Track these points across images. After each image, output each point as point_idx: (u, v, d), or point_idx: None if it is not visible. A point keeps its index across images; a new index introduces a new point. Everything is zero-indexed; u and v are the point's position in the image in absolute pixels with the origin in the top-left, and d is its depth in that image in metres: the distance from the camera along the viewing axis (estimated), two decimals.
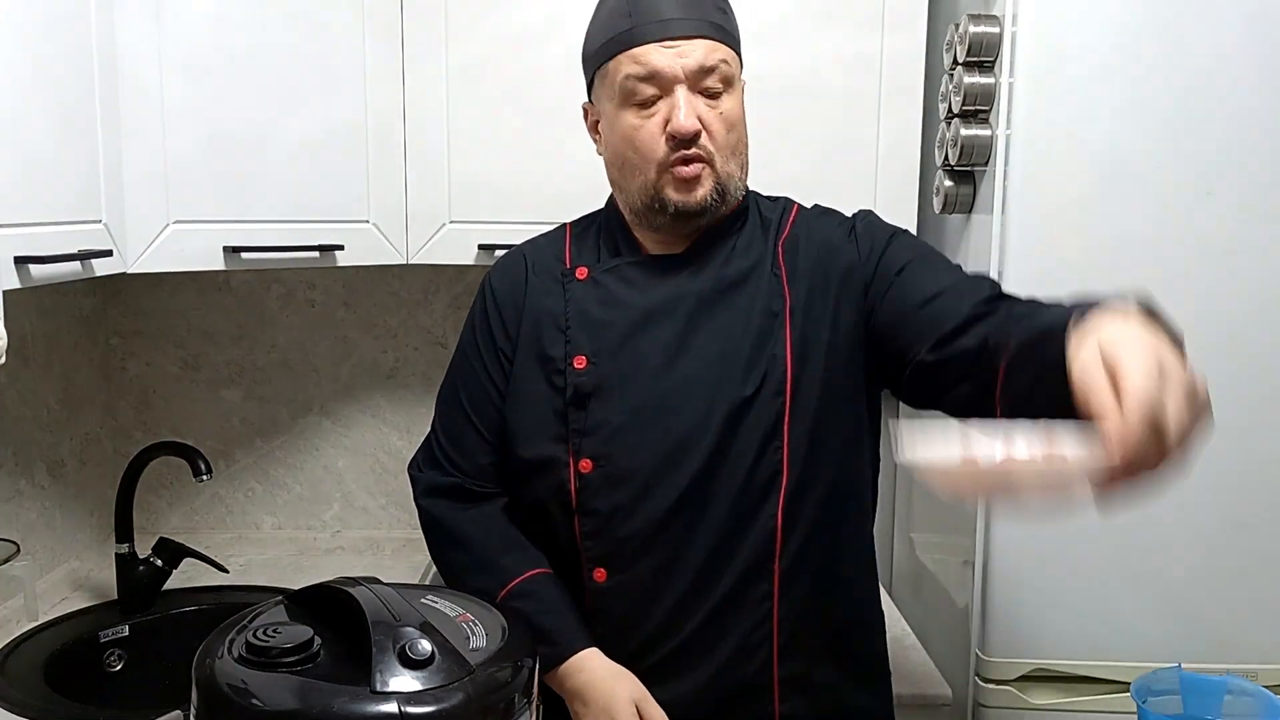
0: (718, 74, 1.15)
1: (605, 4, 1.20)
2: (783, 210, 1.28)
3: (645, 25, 1.14)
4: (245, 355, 2.05)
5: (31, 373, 1.76)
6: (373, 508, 2.10)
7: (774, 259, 1.22)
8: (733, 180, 1.19)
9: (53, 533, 1.82)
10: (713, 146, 1.16)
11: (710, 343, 1.18)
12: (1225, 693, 1.22)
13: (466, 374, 1.28)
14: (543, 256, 1.29)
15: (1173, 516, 1.53)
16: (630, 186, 1.20)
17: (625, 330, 1.19)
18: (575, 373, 1.19)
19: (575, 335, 1.20)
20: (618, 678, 1.13)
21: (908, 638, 1.67)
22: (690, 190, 1.16)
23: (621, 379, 1.18)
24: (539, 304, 1.25)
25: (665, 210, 1.18)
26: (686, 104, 1.13)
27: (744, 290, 1.20)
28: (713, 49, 1.15)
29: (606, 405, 1.18)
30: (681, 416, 1.16)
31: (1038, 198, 1.49)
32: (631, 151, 1.17)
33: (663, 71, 1.13)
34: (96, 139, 1.37)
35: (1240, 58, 1.46)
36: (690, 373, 1.17)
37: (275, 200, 1.59)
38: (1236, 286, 1.49)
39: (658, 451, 1.16)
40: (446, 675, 0.80)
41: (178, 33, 1.47)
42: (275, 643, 0.82)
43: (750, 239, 1.23)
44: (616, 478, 1.17)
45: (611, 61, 1.16)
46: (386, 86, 1.68)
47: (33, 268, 1.21)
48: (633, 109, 1.16)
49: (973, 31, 1.53)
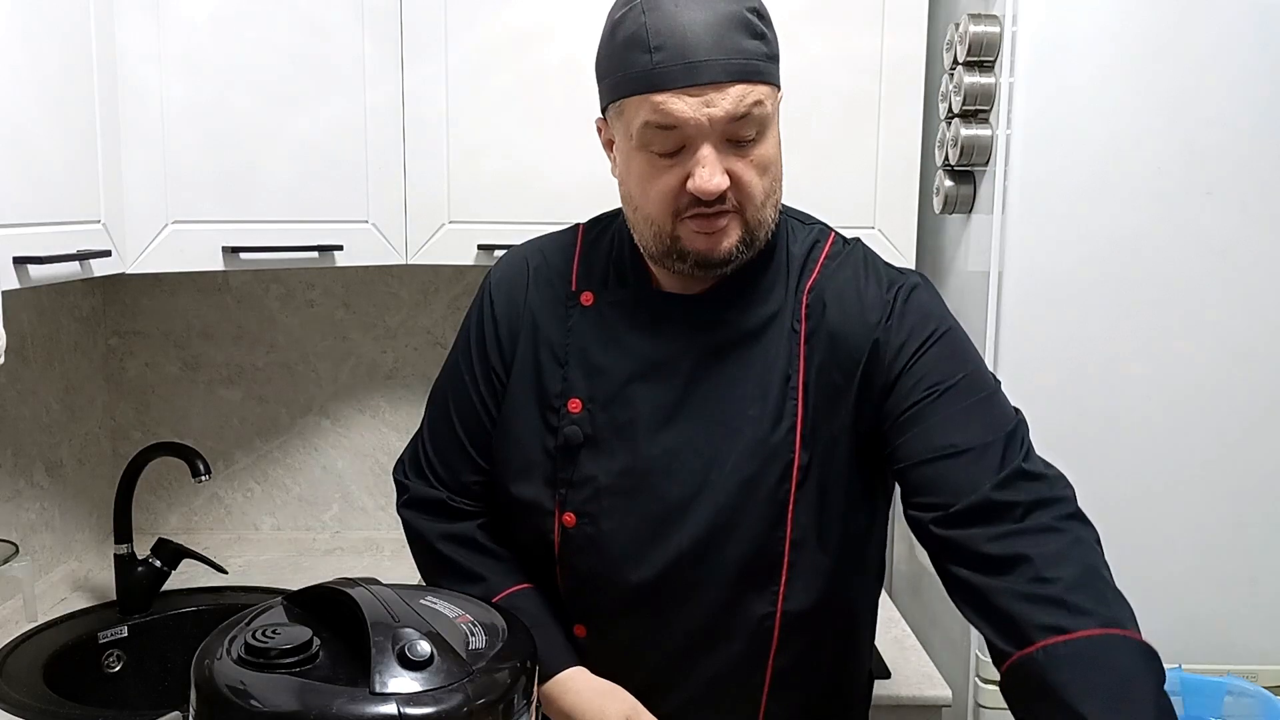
0: (752, 120, 0.98)
1: (623, 22, 1.00)
2: (813, 244, 1.12)
3: (669, 68, 0.96)
4: (244, 355, 2.05)
5: (31, 373, 1.76)
6: (372, 508, 2.10)
7: (795, 312, 1.08)
8: (763, 227, 1.05)
9: (52, 533, 1.82)
10: (742, 197, 1.01)
11: (712, 404, 1.07)
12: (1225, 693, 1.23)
13: (458, 386, 1.19)
14: (548, 266, 1.17)
15: (1173, 517, 1.53)
16: (643, 230, 1.06)
17: (624, 377, 1.09)
18: (569, 416, 1.10)
19: (573, 374, 1.11)
20: (607, 695, 1.07)
21: (908, 638, 1.67)
22: (715, 242, 1.02)
23: (615, 432, 1.08)
24: (538, 327, 1.14)
25: (685, 259, 1.04)
26: (711, 163, 0.98)
27: (758, 346, 1.07)
28: (745, 93, 0.97)
29: (595, 460, 1.09)
30: (672, 485, 1.07)
31: (1038, 198, 1.49)
32: (645, 200, 1.03)
33: (686, 124, 0.97)
34: (96, 139, 1.37)
35: (1240, 58, 1.46)
36: (686, 438, 1.07)
37: (274, 200, 1.59)
38: (1236, 286, 1.49)
39: (645, 520, 1.07)
40: (446, 676, 0.80)
41: (177, 33, 1.47)
42: (274, 644, 0.82)
43: (774, 280, 1.09)
44: (598, 540, 1.09)
45: (629, 100, 1.00)
46: (386, 86, 1.68)
47: (32, 268, 1.21)
48: (650, 155, 1.01)
49: (973, 31, 1.53)
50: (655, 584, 1.08)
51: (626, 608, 1.10)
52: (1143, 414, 1.52)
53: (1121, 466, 1.52)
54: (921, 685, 1.50)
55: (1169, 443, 1.52)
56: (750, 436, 1.06)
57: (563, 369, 1.12)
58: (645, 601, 1.09)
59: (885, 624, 1.71)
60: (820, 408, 1.06)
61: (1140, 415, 1.52)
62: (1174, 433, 1.52)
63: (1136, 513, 1.53)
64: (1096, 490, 1.52)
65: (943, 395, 1.02)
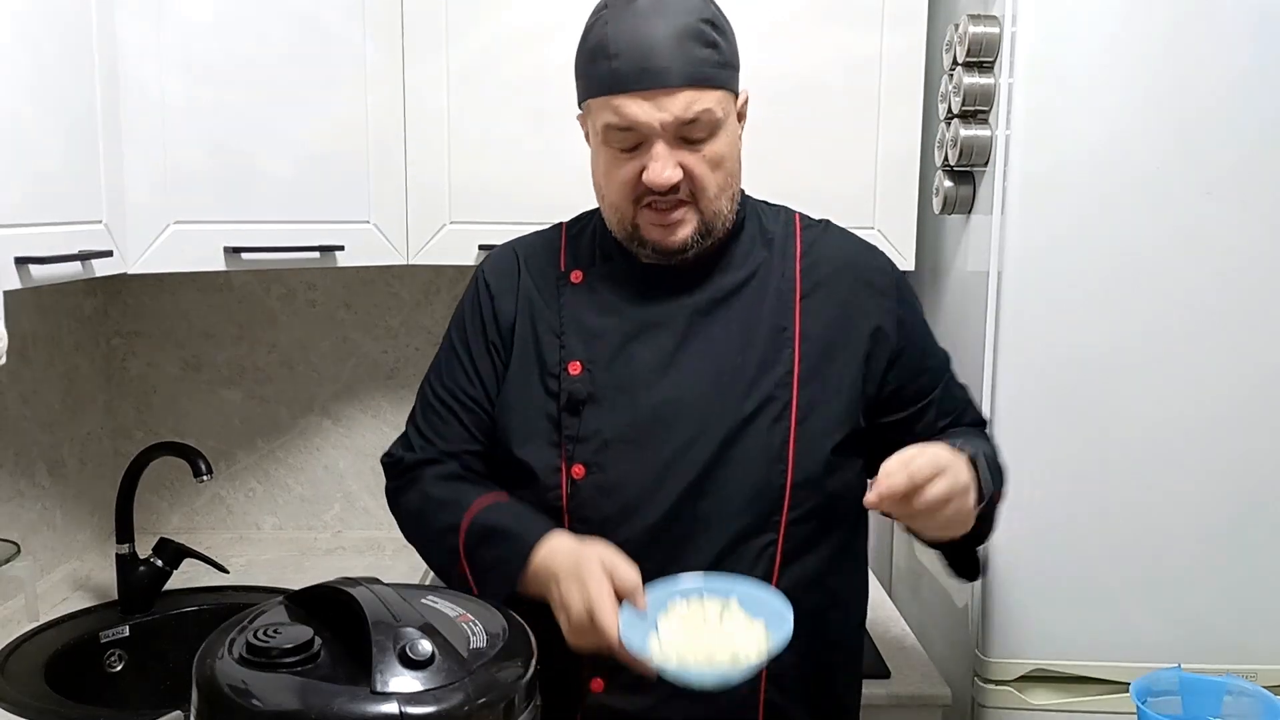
0: (701, 123, 1.09)
1: (591, 30, 1.14)
2: (785, 222, 1.25)
3: (625, 73, 1.08)
4: (246, 355, 2.05)
5: (32, 373, 1.76)
6: (373, 508, 2.10)
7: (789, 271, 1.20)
8: (720, 218, 1.16)
9: (53, 533, 1.83)
10: (695, 189, 1.12)
11: (706, 356, 1.16)
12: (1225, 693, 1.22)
13: (451, 367, 1.26)
14: (535, 255, 1.27)
15: (1173, 517, 1.53)
16: (610, 217, 1.18)
17: (620, 339, 1.18)
18: (570, 379, 1.17)
19: (570, 341, 1.19)
20: (586, 542, 1.08)
21: (908, 638, 1.67)
22: (669, 232, 1.14)
23: (616, 388, 1.16)
24: (533, 305, 1.23)
25: (644, 245, 1.16)
26: (662, 158, 1.09)
27: (740, 301, 1.18)
28: (694, 99, 1.08)
29: (600, 414, 1.16)
30: (675, 430, 1.15)
31: (1037, 198, 1.49)
32: (608, 189, 1.16)
33: (639, 124, 1.09)
34: (97, 140, 1.38)
35: (1240, 58, 1.46)
36: (685, 387, 1.16)
37: (275, 201, 1.59)
38: (1236, 286, 1.49)
39: (650, 465, 1.14)
40: (447, 676, 0.80)
41: (178, 33, 1.48)
42: (275, 643, 0.82)
43: (748, 249, 1.21)
44: (607, 487, 1.15)
45: (594, 100, 1.13)
46: (386, 87, 1.68)
47: (33, 268, 1.21)
48: (612, 149, 1.13)
49: (972, 31, 1.53)
50: (665, 524, 1.14)
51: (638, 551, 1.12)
52: (1143, 414, 1.52)
53: (1121, 466, 1.52)
54: (921, 685, 1.50)
55: (1169, 442, 1.52)
56: (743, 379, 1.15)
57: (559, 339, 1.20)
58: (656, 541, 1.14)
59: (885, 624, 1.71)
60: (820, 356, 1.17)
61: (1140, 415, 1.52)
62: (1174, 432, 1.52)
63: (1136, 513, 1.53)
64: (1097, 490, 1.53)
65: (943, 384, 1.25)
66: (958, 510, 1.04)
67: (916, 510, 1.01)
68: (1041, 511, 1.52)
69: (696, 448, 1.14)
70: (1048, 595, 1.55)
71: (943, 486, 1.01)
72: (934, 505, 1.01)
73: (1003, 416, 1.51)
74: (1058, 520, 1.53)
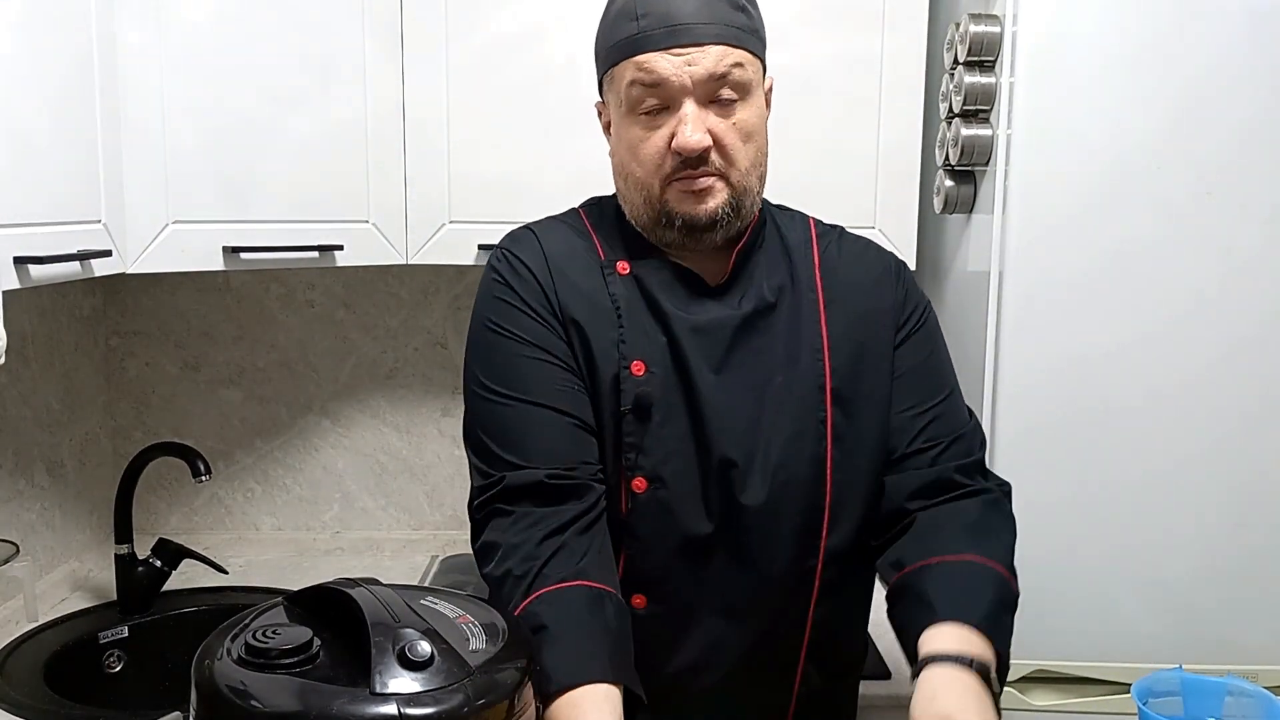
0: (730, 81, 1.05)
1: (615, 3, 1.10)
2: (802, 226, 1.21)
3: (653, 32, 1.04)
4: (245, 355, 2.05)
5: (31, 373, 1.76)
6: (372, 508, 2.10)
7: (810, 283, 1.15)
8: (750, 195, 1.10)
9: (52, 533, 1.82)
10: (725, 161, 1.07)
11: (751, 371, 1.11)
12: (1226, 694, 1.22)
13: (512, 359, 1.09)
14: (562, 239, 1.16)
15: (1173, 517, 1.53)
16: (635, 199, 1.11)
17: (675, 343, 1.10)
18: (634, 380, 1.08)
19: (630, 335, 1.09)
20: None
21: None
22: (699, 201, 1.07)
23: (677, 396, 1.09)
24: (575, 288, 1.11)
25: (673, 224, 1.09)
26: (694, 119, 1.04)
27: (776, 316, 1.13)
28: (725, 54, 1.04)
29: (664, 423, 1.09)
30: (729, 443, 1.10)
31: (1038, 198, 1.49)
32: (635, 164, 1.09)
33: (669, 81, 1.04)
34: (96, 139, 1.37)
35: (1240, 58, 1.45)
36: (735, 399, 1.10)
37: (275, 200, 1.59)
38: (1236, 286, 1.49)
39: (705, 478, 1.10)
40: (446, 677, 0.80)
41: (178, 32, 1.47)
42: (274, 644, 0.82)
43: (776, 258, 1.16)
44: (668, 502, 1.09)
45: (617, 67, 1.08)
46: (386, 86, 1.68)
47: (32, 268, 1.21)
48: (639, 119, 1.07)
49: (973, 31, 1.53)
50: (716, 540, 1.11)
51: (689, 566, 1.11)
52: (1143, 414, 1.52)
53: (1122, 466, 1.52)
54: None
55: (1169, 442, 1.52)
56: (786, 397, 1.11)
57: (619, 332, 1.10)
58: (708, 557, 1.11)
59: (886, 624, 1.71)
60: (847, 369, 1.13)
61: (1140, 415, 1.52)
62: (1174, 432, 1.52)
63: (1136, 512, 1.53)
64: (1097, 490, 1.53)
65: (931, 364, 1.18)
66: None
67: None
68: (1042, 512, 1.52)
69: (750, 466, 1.10)
70: (1048, 595, 1.54)
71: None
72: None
73: (1003, 416, 1.51)
74: (1058, 520, 1.53)
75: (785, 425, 1.11)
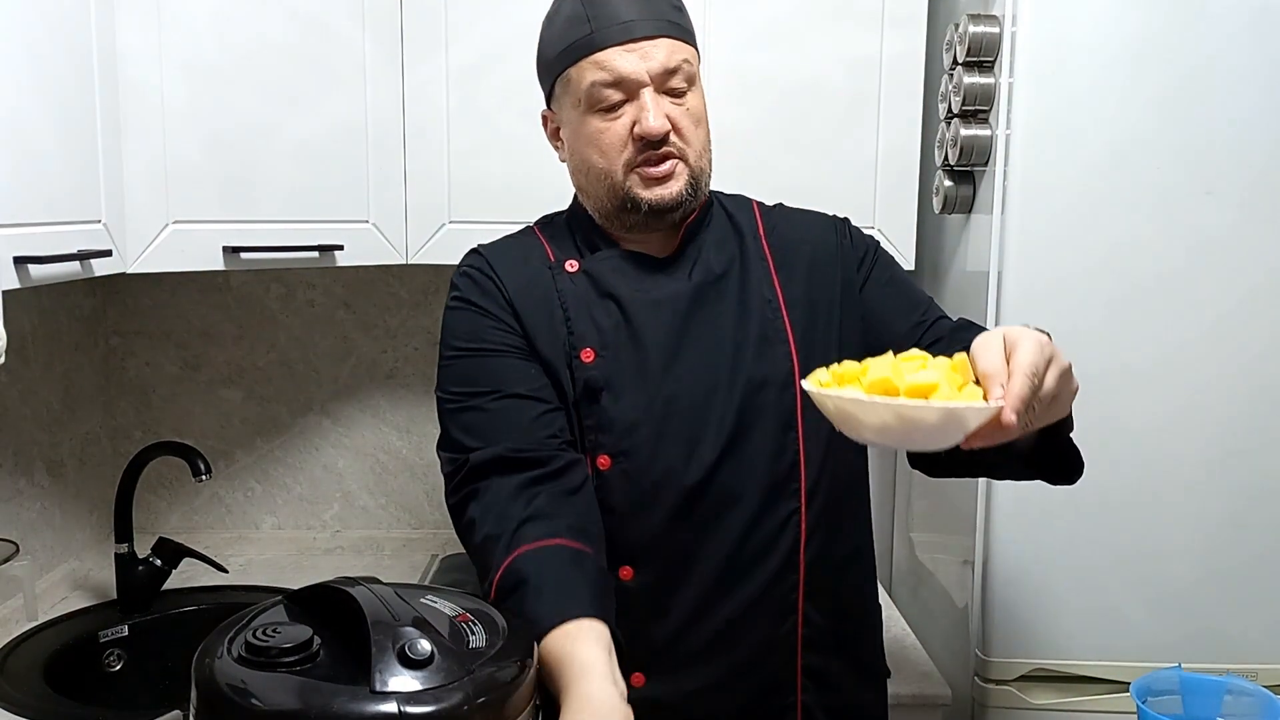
0: (681, 74, 1.15)
1: (560, 12, 1.18)
2: (746, 206, 1.29)
3: (606, 29, 1.13)
4: (245, 355, 2.05)
5: (31, 373, 1.76)
6: (372, 507, 2.10)
7: (759, 252, 1.23)
8: (704, 176, 1.19)
9: (52, 532, 1.82)
10: (683, 143, 1.16)
11: (711, 333, 1.18)
12: (1225, 693, 1.22)
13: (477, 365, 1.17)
14: (513, 253, 1.24)
15: (1173, 516, 1.53)
16: (598, 191, 1.19)
17: (626, 322, 1.18)
18: (584, 366, 1.16)
19: (578, 327, 1.17)
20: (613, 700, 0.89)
21: (908, 638, 1.67)
22: (663, 186, 1.16)
23: (632, 372, 1.16)
24: (528, 297, 1.19)
25: (638, 209, 1.16)
26: (654, 106, 1.13)
27: (728, 282, 1.20)
28: (675, 49, 1.14)
29: (620, 400, 1.15)
30: (693, 409, 1.16)
31: (1038, 198, 1.49)
32: (598, 155, 1.16)
33: (628, 76, 1.12)
34: (96, 139, 1.38)
35: (1240, 57, 1.46)
36: (697, 364, 1.17)
37: (275, 200, 1.59)
38: (1236, 286, 1.49)
39: (673, 446, 1.15)
40: (446, 675, 0.80)
41: (178, 32, 1.47)
42: (274, 643, 0.82)
43: (722, 236, 1.24)
44: (634, 474, 1.15)
45: (574, 68, 1.15)
46: (386, 86, 1.68)
47: (32, 268, 1.21)
48: (598, 114, 1.15)
49: (973, 31, 1.53)
50: (689, 504, 1.15)
51: (667, 533, 1.15)
52: (1143, 414, 1.52)
53: (1122, 466, 1.52)
54: (921, 685, 1.50)
55: (1169, 442, 1.52)
56: (748, 351, 1.17)
57: (567, 326, 1.18)
58: (683, 520, 1.15)
59: (886, 624, 1.70)
60: (808, 322, 1.20)
61: (1140, 415, 1.52)
62: (1174, 432, 1.52)
63: (1137, 513, 1.53)
64: (1097, 490, 1.53)
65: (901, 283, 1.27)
66: (1067, 381, 0.94)
67: (1039, 407, 0.90)
68: (1042, 511, 1.52)
69: (715, 424, 1.15)
70: (1048, 595, 1.55)
71: (1053, 371, 0.90)
72: (1051, 392, 0.90)
73: None
74: (1058, 520, 1.53)
75: (749, 378, 1.16)
